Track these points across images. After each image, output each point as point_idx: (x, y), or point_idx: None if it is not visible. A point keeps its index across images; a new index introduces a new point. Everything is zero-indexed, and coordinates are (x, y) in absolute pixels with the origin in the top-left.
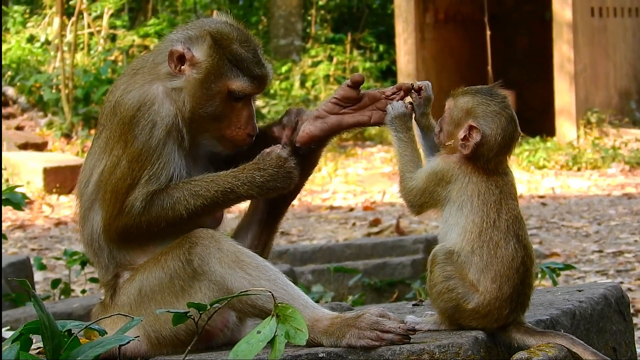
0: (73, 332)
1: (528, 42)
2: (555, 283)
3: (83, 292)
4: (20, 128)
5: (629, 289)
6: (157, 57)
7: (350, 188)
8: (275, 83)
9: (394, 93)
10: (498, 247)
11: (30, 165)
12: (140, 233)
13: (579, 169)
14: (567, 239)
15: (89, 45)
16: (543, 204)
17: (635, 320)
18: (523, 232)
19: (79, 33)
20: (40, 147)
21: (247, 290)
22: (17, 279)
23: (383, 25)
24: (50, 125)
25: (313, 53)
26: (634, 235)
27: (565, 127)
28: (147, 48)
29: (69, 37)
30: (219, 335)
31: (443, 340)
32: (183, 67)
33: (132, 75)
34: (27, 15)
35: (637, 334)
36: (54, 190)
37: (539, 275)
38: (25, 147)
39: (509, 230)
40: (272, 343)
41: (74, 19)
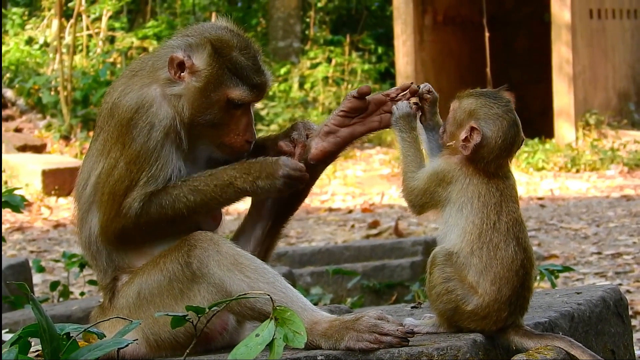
0: (72, 335)
1: (527, 43)
2: (554, 285)
3: (82, 294)
4: (19, 130)
5: (628, 291)
6: (156, 61)
7: (349, 190)
8: (274, 85)
9: (398, 94)
10: (498, 249)
11: (29, 168)
12: (139, 234)
13: (578, 171)
14: (565, 241)
15: (88, 47)
16: (542, 206)
17: (634, 323)
18: (523, 235)
19: (78, 35)
20: (39, 149)
21: (246, 294)
22: (15, 282)
23: (382, 27)
24: (49, 127)
25: (312, 55)
26: (633, 237)
27: (564, 128)
28: (145, 50)
29: (68, 39)
30: (218, 338)
31: (442, 343)
32: (183, 74)
33: (130, 77)
34: (25, 17)
35: (635, 336)
36: (53, 193)
37: (538, 278)
38: (24, 149)
39: (509, 233)
40: (270, 346)
41: (73, 21)
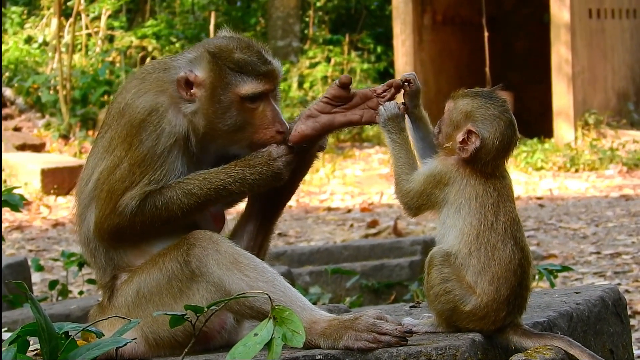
0: (70, 334)
1: (526, 44)
2: (553, 285)
3: (80, 293)
4: (18, 129)
5: (627, 291)
6: (164, 77)
7: (348, 189)
8: None
9: (385, 91)
10: (495, 249)
11: (28, 167)
12: (134, 233)
13: (577, 171)
14: (564, 241)
15: (87, 47)
16: (541, 206)
17: (633, 322)
18: (520, 234)
19: (77, 34)
20: (38, 148)
21: (244, 293)
22: (14, 281)
23: (381, 27)
24: (48, 127)
25: (311, 54)
26: (632, 237)
27: (563, 128)
28: (144, 49)
29: (67, 38)
30: (217, 338)
31: (440, 343)
32: (193, 90)
33: (142, 80)
34: (24, 16)
35: (634, 336)
36: (52, 192)
37: (537, 277)
38: (23, 148)
39: (507, 233)
40: (269, 345)
41: (72, 20)
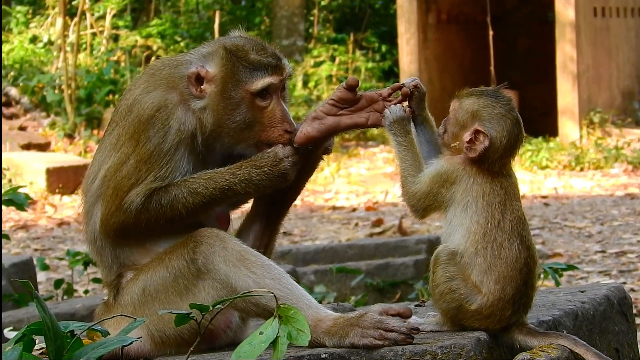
0: (76, 333)
1: (530, 43)
2: (558, 284)
3: (86, 292)
4: (23, 128)
5: (632, 290)
6: (175, 73)
7: (353, 188)
8: None
9: (390, 94)
10: (502, 248)
11: (33, 166)
12: (139, 230)
13: (582, 169)
14: (569, 239)
15: (92, 46)
16: (546, 204)
17: (638, 321)
18: (527, 233)
19: (82, 33)
20: (43, 147)
21: (250, 291)
22: (19, 280)
23: (385, 26)
24: (53, 126)
25: (315, 53)
26: (637, 236)
27: (568, 127)
28: (149, 48)
29: (72, 37)
30: (222, 336)
31: (445, 341)
32: (203, 86)
33: (151, 76)
34: (29, 16)
35: (639, 335)
36: (57, 191)
37: (542, 276)
38: (28, 147)
39: (513, 231)
40: (274, 344)
41: (77, 19)
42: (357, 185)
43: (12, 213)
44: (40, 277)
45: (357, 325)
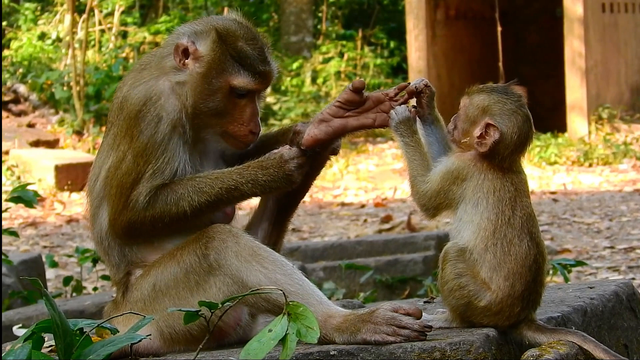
0: (85, 330)
1: (538, 38)
2: (567, 280)
3: (95, 289)
4: (32, 125)
5: None
6: (163, 50)
7: (362, 185)
8: (286, 80)
9: (397, 94)
10: (512, 244)
11: (42, 163)
12: (145, 228)
13: (591, 165)
14: (578, 235)
15: (100, 43)
16: (554, 200)
17: None
18: (536, 229)
19: (90, 30)
20: (52, 144)
21: (260, 288)
22: (29, 277)
23: (394, 22)
24: (62, 123)
25: (324, 49)
26: None
27: (577, 123)
28: (158, 45)
29: (80, 34)
30: (232, 334)
31: (454, 338)
32: (187, 60)
33: (139, 71)
34: (38, 13)
35: None
36: (66, 188)
37: (551, 272)
38: (37, 144)
39: (523, 228)
40: (283, 341)
41: (85, 16)
42: (365, 182)
43: (21, 210)
44: (49, 274)
45: (369, 322)
